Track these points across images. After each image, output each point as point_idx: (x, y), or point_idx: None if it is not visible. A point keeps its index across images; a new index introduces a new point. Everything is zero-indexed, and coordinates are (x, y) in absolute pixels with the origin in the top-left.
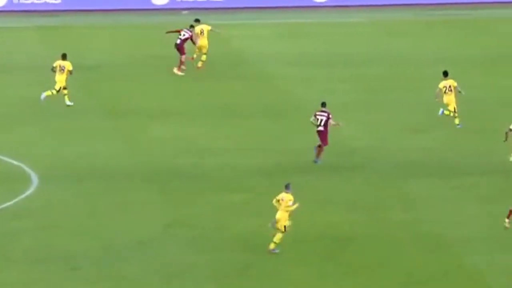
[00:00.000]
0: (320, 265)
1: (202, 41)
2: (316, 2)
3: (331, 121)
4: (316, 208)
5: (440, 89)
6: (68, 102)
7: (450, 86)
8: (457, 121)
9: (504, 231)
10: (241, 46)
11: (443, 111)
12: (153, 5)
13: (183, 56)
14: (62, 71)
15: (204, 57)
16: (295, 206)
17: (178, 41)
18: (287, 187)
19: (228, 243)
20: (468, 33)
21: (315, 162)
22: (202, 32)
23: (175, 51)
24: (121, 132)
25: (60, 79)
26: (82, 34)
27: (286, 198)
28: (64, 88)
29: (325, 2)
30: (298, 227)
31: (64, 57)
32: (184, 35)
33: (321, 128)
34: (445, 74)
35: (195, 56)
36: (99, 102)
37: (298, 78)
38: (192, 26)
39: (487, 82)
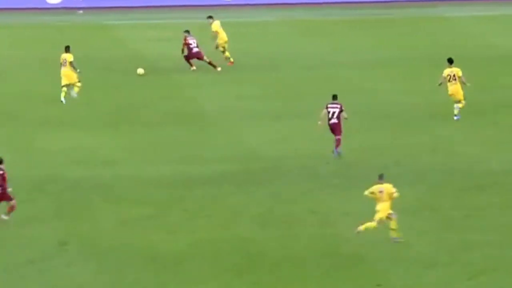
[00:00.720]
0: (228, 282)
1: (224, 36)
2: (223, 0)
3: (344, 114)
4: (224, 222)
5: (444, 78)
6: (74, 94)
7: (454, 75)
8: (456, 111)
9: (427, 247)
10: (140, 49)
11: (458, 117)
12: (48, 4)
13: (205, 57)
14: (65, 64)
15: (228, 53)
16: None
17: (196, 50)
18: (381, 177)
19: (130, 261)
20: (388, 33)
21: (338, 154)
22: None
23: (186, 61)
24: (9, 141)
25: (65, 73)
26: None
27: (387, 188)
28: (78, 82)
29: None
30: (204, 243)
31: (67, 49)
32: (194, 41)
33: (334, 121)
34: (450, 61)
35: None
36: None
37: (204, 83)
38: (187, 31)
39: (411, 86)
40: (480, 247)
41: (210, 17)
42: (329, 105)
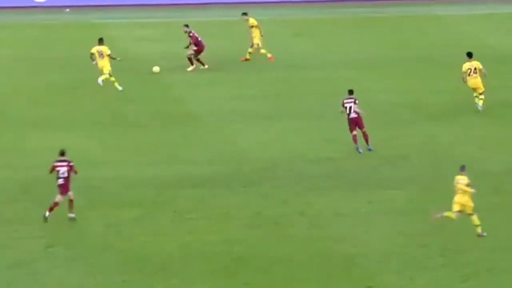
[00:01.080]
0: (218, 284)
1: (259, 36)
2: None
3: (355, 107)
4: (213, 224)
5: (464, 72)
6: (119, 87)
7: (475, 68)
8: (481, 102)
9: (419, 249)
10: (129, 48)
11: (481, 106)
12: (34, 2)
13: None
14: (102, 56)
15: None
16: (472, 189)
17: (199, 38)
18: (462, 168)
19: (118, 263)
20: (380, 32)
21: (369, 150)
22: (252, 26)
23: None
24: None
25: (104, 64)
26: None
27: (460, 180)
28: (110, 75)
29: None
30: (194, 245)
31: (101, 41)
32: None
33: (354, 115)
34: (470, 55)
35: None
36: None
37: (196, 83)
38: (186, 25)
39: (403, 86)
40: (473, 249)
41: (245, 13)
42: (345, 101)
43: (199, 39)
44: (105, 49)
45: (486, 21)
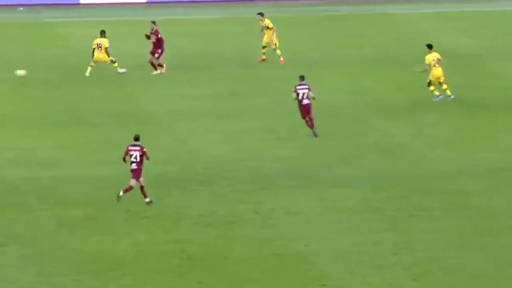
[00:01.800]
0: (169, 283)
1: (271, 36)
2: None
3: (310, 93)
4: (166, 223)
5: (429, 63)
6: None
7: (438, 59)
8: (449, 92)
9: (372, 247)
10: (83, 47)
11: (440, 97)
12: None
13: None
14: (100, 48)
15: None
16: None
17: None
18: None
19: (69, 263)
20: (335, 31)
21: (315, 135)
22: (268, 27)
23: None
24: None
25: (98, 58)
26: None
27: None
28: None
29: None
30: (147, 244)
31: (102, 34)
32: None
33: (307, 101)
34: (430, 46)
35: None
36: None
37: (148, 82)
38: (153, 22)
39: (356, 85)
40: (426, 248)
41: (261, 14)
42: (297, 87)
43: (162, 40)
44: (104, 41)
45: (439, 20)
